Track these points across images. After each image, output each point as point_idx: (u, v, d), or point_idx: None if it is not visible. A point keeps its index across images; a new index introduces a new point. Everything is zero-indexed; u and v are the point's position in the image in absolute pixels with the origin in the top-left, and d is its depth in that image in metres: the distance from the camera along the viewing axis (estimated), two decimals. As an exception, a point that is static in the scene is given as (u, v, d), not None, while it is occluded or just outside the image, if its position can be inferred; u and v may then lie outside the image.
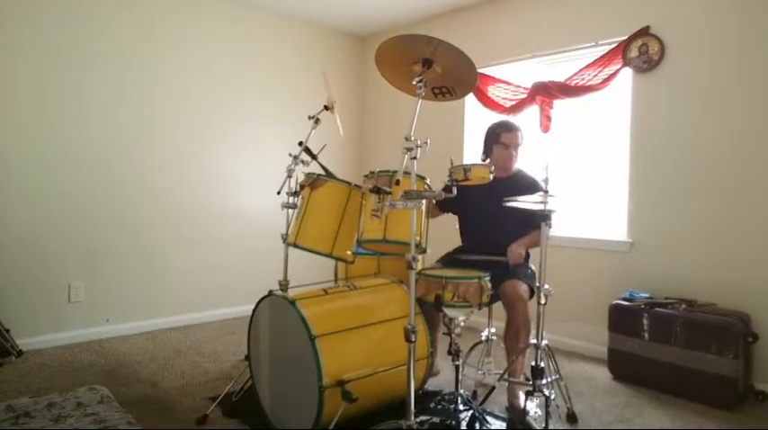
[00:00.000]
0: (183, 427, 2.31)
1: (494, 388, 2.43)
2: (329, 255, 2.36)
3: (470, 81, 2.13)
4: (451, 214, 2.92)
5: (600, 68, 3.36)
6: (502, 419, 2.41)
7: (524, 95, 3.74)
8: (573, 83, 3.48)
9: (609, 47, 3.35)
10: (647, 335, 2.88)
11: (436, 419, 2.21)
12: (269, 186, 3.02)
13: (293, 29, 4.60)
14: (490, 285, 2.23)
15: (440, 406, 2.31)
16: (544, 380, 2.27)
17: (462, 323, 2.22)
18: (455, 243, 2.91)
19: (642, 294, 3.07)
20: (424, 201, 1.93)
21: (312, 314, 2.13)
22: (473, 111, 4.21)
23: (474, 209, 2.76)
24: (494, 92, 3.94)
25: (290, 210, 2.54)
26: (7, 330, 3.15)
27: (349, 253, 2.40)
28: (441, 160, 2.37)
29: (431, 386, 2.65)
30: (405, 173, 1.87)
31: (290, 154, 2.61)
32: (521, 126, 2.82)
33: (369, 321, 2.29)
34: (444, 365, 2.84)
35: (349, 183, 2.41)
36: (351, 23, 4.75)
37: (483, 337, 2.85)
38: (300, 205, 2.43)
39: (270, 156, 4.33)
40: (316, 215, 2.37)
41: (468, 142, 4.20)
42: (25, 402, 1.72)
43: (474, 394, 2.68)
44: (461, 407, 2.23)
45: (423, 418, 2.17)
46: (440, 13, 4.34)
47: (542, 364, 2.27)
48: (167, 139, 3.90)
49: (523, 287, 2.52)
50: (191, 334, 3.78)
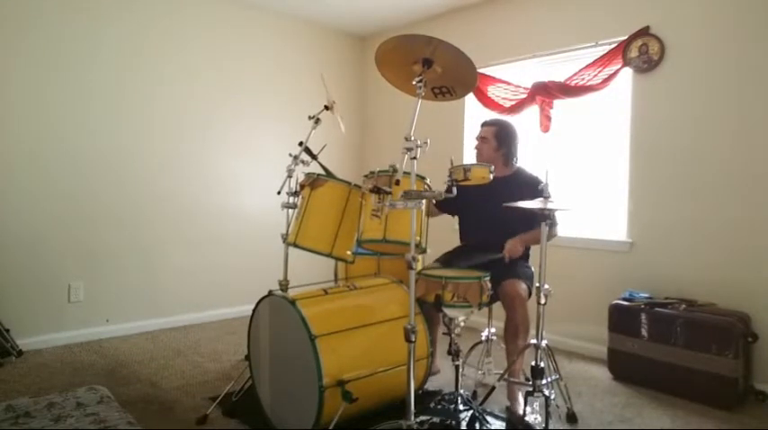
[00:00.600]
0: (183, 427, 2.31)
1: (494, 388, 2.43)
2: (329, 255, 2.36)
3: (470, 81, 2.13)
4: (451, 213, 2.93)
5: (600, 68, 3.36)
6: (502, 419, 2.41)
7: (524, 95, 3.74)
8: (573, 83, 3.48)
9: (609, 47, 3.35)
10: (646, 336, 2.88)
11: (436, 419, 2.21)
12: (269, 186, 3.02)
13: (293, 29, 4.60)
14: (490, 285, 2.23)
15: (440, 406, 2.31)
16: (544, 380, 2.27)
17: (462, 323, 2.22)
18: (455, 243, 2.91)
19: (642, 294, 3.07)
20: (423, 201, 1.93)
21: (312, 314, 2.13)
22: (473, 112, 4.21)
23: (473, 208, 2.76)
24: (494, 92, 3.94)
25: (290, 210, 2.54)
26: (7, 330, 3.15)
27: (349, 253, 2.40)
28: (441, 160, 2.37)
29: (431, 386, 2.64)
30: (404, 173, 1.87)
31: (290, 154, 2.60)
32: (510, 124, 2.84)
33: (369, 321, 2.29)
34: (444, 365, 2.84)
35: (349, 182, 2.41)
36: (351, 23, 4.75)
37: (483, 337, 2.85)
38: (300, 205, 2.43)
39: (270, 156, 4.33)
40: (316, 215, 2.37)
41: (468, 142, 4.20)
42: (25, 402, 1.72)
43: (474, 394, 2.68)
44: (461, 407, 2.23)
45: (423, 418, 2.17)
46: (440, 13, 4.34)
47: (542, 364, 2.27)
48: (167, 139, 3.90)
49: (522, 286, 2.52)
50: (191, 334, 3.78)
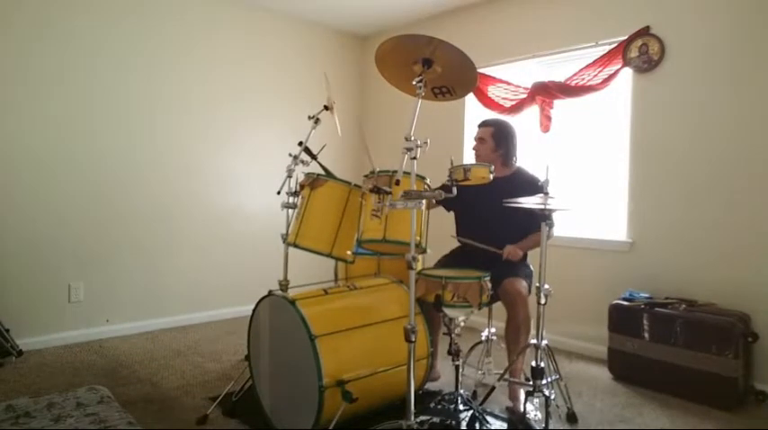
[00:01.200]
0: (183, 427, 2.31)
1: (494, 388, 2.43)
2: (329, 255, 2.36)
3: (470, 81, 2.13)
4: (452, 213, 2.92)
5: (600, 68, 3.36)
6: (502, 419, 2.41)
7: (524, 95, 3.74)
8: (573, 83, 3.48)
9: (609, 47, 3.35)
10: (647, 335, 2.88)
11: (436, 419, 2.21)
12: (269, 186, 3.02)
13: (293, 29, 4.60)
14: (490, 285, 2.23)
15: (440, 406, 2.31)
16: (544, 381, 2.27)
17: (462, 323, 2.22)
18: (455, 243, 2.90)
19: (642, 294, 3.07)
20: (424, 201, 1.93)
21: (312, 314, 2.13)
22: (473, 111, 4.21)
23: (472, 208, 2.76)
24: (494, 92, 3.94)
25: (290, 210, 2.54)
26: (7, 330, 3.15)
27: (349, 253, 2.40)
28: (441, 160, 2.37)
29: (431, 386, 2.65)
30: (405, 173, 1.87)
31: (290, 154, 2.60)
32: (508, 123, 2.85)
33: (369, 321, 2.29)
34: (444, 365, 2.84)
35: (349, 182, 2.41)
36: (351, 23, 4.75)
37: (483, 337, 2.85)
38: (300, 205, 2.43)
39: (270, 156, 4.33)
40: (316, 215, 2.37)
41: (468, 142, 4.20)
42: (25, 402, 1.72)
43: (474, 394, 2.67)
44: (461, 407, 2.23)
45: (423, 418, 2.17)
46: (440, 13, 4.34)
47: (542, 364, 2.27)
48: (167, 139, 3.90)
49: (523, 284, 2.53)
50: (191, 334, 3.78)
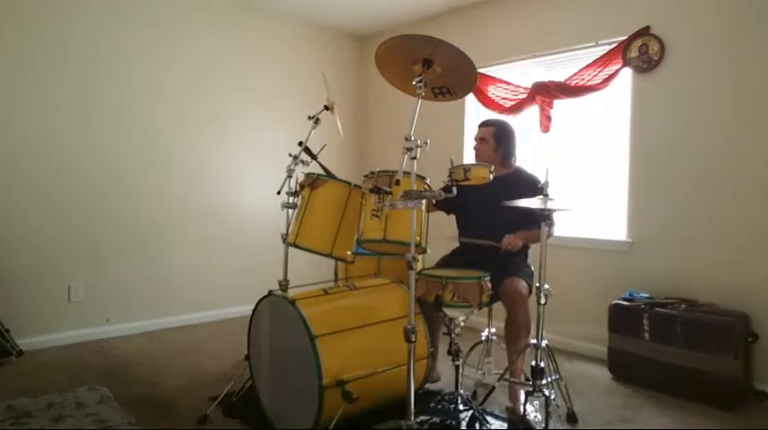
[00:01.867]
0: (182, 427, 2.31)
1: (494, 388, 2.43)
2: (329, 255, 2.36)
3: (470, 81, 2.13)
4: (446, 211, 2.92)
5: (600, 68, 3.36)
6: (502, 419, 2.41)
7: (524, 95, 3.74)
8: (573, 83, 3.48)
9: (609, 47, 3.35)
10: (647, 336, 2.88)
11: (436, 419, 2.21)
12: (269, 186, 3.02)
13: (293, 29, 4.60)
14: (490, 285, 2.23)
15: (440, 406, 2.31)
16: (544, 381, 2.27)
17: (462, 323, 2.22)
18: (455, 242, 2.90)
19: (642, 294, 3.07)
20: (424, 201, 1.93)
21: (312, 314, 2.13)
22: (473, 111, 4.21)
23: (471, 208, 2.76)
24: (494, 92, 3.94)
25: (290, 210, 2.54)
26: (7, 330, 3.15)
27: (349, 253, 2.40)
28: (441, 160, 2.37)
29: (431, 386, 2.65)
30: (405, 173, 1.87)
31: (290, 154, 2.60)
32: (508, 123, 2.85)
33: (369, 321, 2.29)
34: (444, 365, 2.84)
35: (349, 182, 2.41)
36: (351, 23, 4.75)
37: (483, 337, 2.85)
38: (300, 205, 2.43)
39: (270, 157, 4.33)
40: (316, 215, 2.37)
41: (469, 142, 4.20)
42: (25, 402, 1.71)
43: (474, 394, 2.68)
44: (461, 407, 2.23)
45: (423, 418, 2.17)
46: (440, 13, 4.34)
47: (542, 364, 2.27)
48: (167, 140, 3.90)
49: (523, 284, 2.52)
50: (191, 334, 3.78)
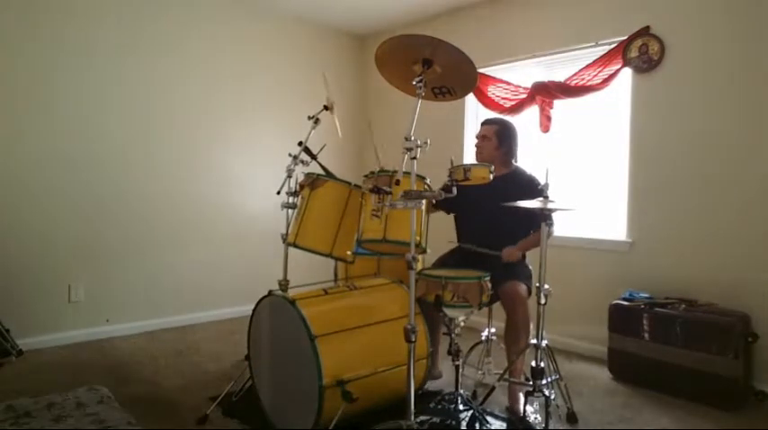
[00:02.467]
0: (183, 427, 2.31)
1: (494, 388, 2.43)
2: (329, 255, 2.36)
3: (470, 81, 2.13)
4: (446, 211, 2.92)
5: (600, 68, 3.36)
6: (502, 419, 2.41)
7: (524, 95, 3.74)
8: (573, 83, 3.48)
9: (609, 47, 3.35)
10: (647, 336, 2.88)
11: (436, 419, 2.21)
12: (269, 186, 3.02)
13: (293, 29, 4.60)
14: (490, 285, 2.23)
15: (440, 406, 2.31)
16: (544, 381, 2.27)
17: (462, 323, 2.22)
18: (455, 243, 2.90)
19: (642, 294, 3.07)
20: (424, 201, 1.93)
21: (312, 314, 2.13)
22: (473, 111, 4.22)
23: (471, 208, 2.76)
24: (494, 92, 3.94)
25: (290, 210, 2.54)
26: (7, 330, 3.14)
27: (349, 253, 2.40)
28: (441, 160, 2.37)
29: (431, 386, 2.65)
30: (405, 173, 1.87)
31: (290, 154, 2.60)
32: (510, 123, 2.85)
33: (369, 321, 2.29)
34: (444, 365, 2.84)
35: (349, 183, 2.41)
36: (350, 23, 4.75)
37: (483, 337, 2.85)
38: (300, 205, 2.43)
39: (270, 156, 4.33)
40: (315, 215, 2.37)
41: (469, 142, 4.20)
42: (25, 402, 1.71)
43: (474, 394, 2.68)
44: (461, 407, 2.23)
45: (423, 418, 2.17)
46: (440, 13, 4.34)
47: (542, 364, 2.27)
48: (167, 139, 3.90)
49: (522, 287, 2.52)
50: (191, 334, 3.78)
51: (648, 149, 3.23)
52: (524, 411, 2.32)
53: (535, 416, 2.37)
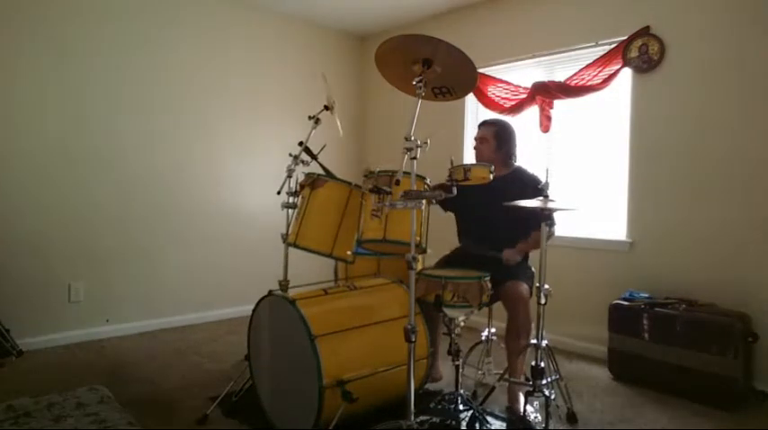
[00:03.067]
0: (183, 427, 2.31)
1: (494, 388, 2.43)
2: (329, 255, 2.36)
3: (470, 81, 2.13)
4: (451, 213, 2.92)
5: (600, 68, 3.36)
6: (502, 419, 2.41)
7: (524, 95, 3.74)
8: (573, 83, 3.48)
9: (609, 47, 3.35)
10: (647, 336, 2.88)
11: (436, 419, 2.21)
12: (269, 186, 3.02)
13: (293, 29, 4.60)
14: (490, 285, 2.23)
15: (440, 406, 2.31)
16: (544, 381, 2.27)
17: (462, 323, 2.22)
18: (455, 243, 2.90)
19: (642, 294, 3.07)
20: (424, 201, 1.93)
21: (312, 314, 2.13)
22: (473, 111, 4.22)
23: (472, 208, 2.76)
24: (494, 92, 3.94)
25: (291, 210, 2.54)
26: (7, 330, 3.14)
27: (349, 253, 2.40)
28: (441, 160, 2.37)
29: (431, 386, 2.65)
30: (405, 173, 1.87)
31: (290, 154, 2.60)
32: (509, 123, 2.85)
33: (369, 321, 2.29)
34: (444, 365, 2.84)
35: (349, 183, 2.41)
36: (351, 23, 4.75)
37: (483, 337, 2.85)
38: (300, 205, 2.43)
39: (270, 157, 4.33)
40: (316, 215, 2.37)
41: (469, 142, 4.20)
42: (25, 402, 1.72)
43: (474, 394, 2.68)
44: (461, 407, 2.23)
45: (423, 418, 2.16)
46: (440, 13, 4.34)
47: (542, 364, 2.27)
48: (167, 140, 3.90)
49: (524, 287, 2.52)
50: (191, 334, 3.78)
51: (648, 149, 3.23)
52: (524, 411, 2.32)
53: (535, 416, 2.37)
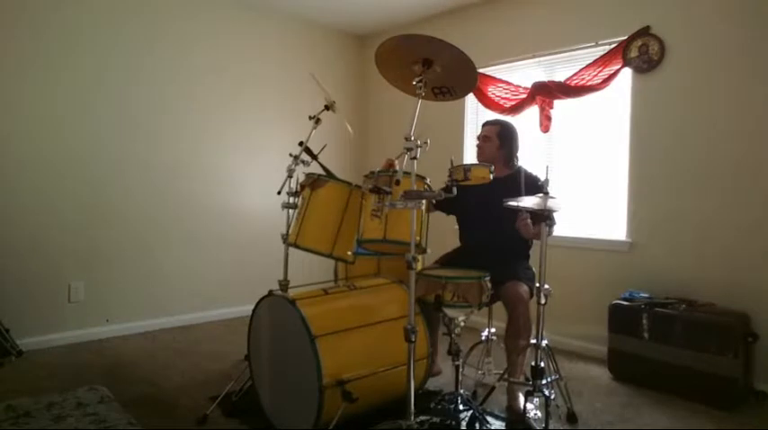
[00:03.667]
0: (183, 427, 2.31)
1: (494, 388, 2.43)
2: (329, 255, 2.36)
3: (470, 81, 2.13)
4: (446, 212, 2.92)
5: (600, 68, 3.36)
6: (502, 419, 2.41)
7: (524, 95, 3.74)
8: (573, 83, 3.48)
9: (609, 47, 3.35)
10: (647, 336, 2.88)
11: (436, 419, 2.21)
12: (269, 186, 3.02)
13: (293, 29, 4.60)
14: (490, 285, 2.23)
15: (440, 406, 2.31)
16: (544, 381, 2.27)
17: (462, 323, 2.22)
18: (455, 243, 2.90)
19: (642, 294, 3.07)
20: (424, 202, 1.93)
21: (312, 314, 2.13)
22: (473, 111, 4.22)
23: (473, 208, 2.76)
24: (494, 92, 3.94)
25: (291, 211, 2.54)
26: (7, 330, 3.14)
27: (349, 253, 2.40)
28: (441, 160, 2.37)
29: (431, 386, 2.65)
30: (405, 173, 1.87)
31: (291, 154, 2.60)
32: (510, 123, 2.85)
33: (369, 321, 2.29)
34: (444, 365, 2.84)
35: (349, 183, 2.41)
36: (350, 23, 4.75)
37: (483, 337, 2.85)
38: (301, 205, 2.43)
39: (270, 157, 4.33)
40: (316, 215, 2.37)
41: (468, 142, 4.20)
42: (25, 402, 1.72)
43: (474, 394, 2.68)
44: (461, 407, 2.23)
45: (423, 418, 2.16)
46: (440, 13, 4.34)
47: (542, 364, 2.27)
48: (167, 139, 3.90)
49: (524, 288, 2.52)
50: (191, 334, 3.78)
51: (648, 149, 3.24)
52: (524, 411, 2.32)
53: (535, 416, 2.37)
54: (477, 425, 2.21)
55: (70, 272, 3.49)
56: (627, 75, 3.32)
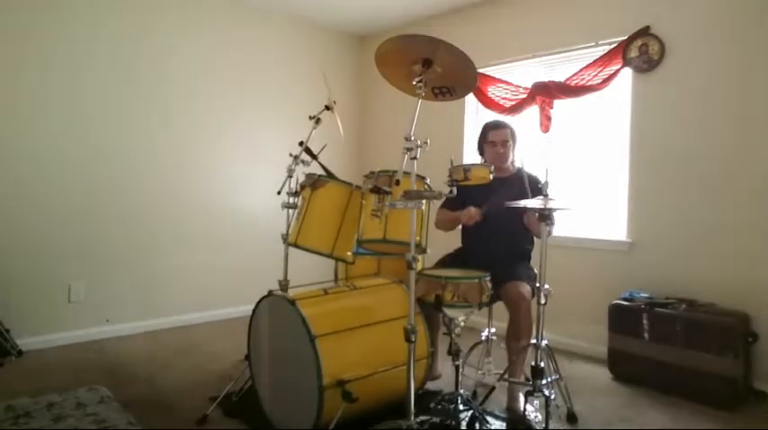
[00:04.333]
0: (183, 427, 2.31)
1: (494, 388, 2.43)
2: (330, 255, 2.36)
3: (470, 81, 2.13)
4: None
5: (600, 68, 3.36)
6: (502, 419, 2.41)
7: (524, 95, 3.74)
8: (573, 83, 3.48)
9: (609, 47, 3.35)
10: (647, 335, 2.88)
11: (436, 419, 2.21)
12: (269, 186, 3.02)
13: (293, 29, 4.60)
14: (490, 285, 2.23)
15: (440, 406, 2.31)
16: (544, 381, 2.27)
17: (462, 323, 2.22)
18: (455, 243, 2.90)
19: (642, 294, 3.07)
20: (424, 202, 1.93)
21: (312, 314, 2.13)
22: (473, 111, 4.21)
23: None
24: (494, 92, 3.94)
25: (291, 211, 2.54)
26: (7, 330, 3.15)
27: (349, 253, 2.40)
28: (441, 160, 2.37)
29: (431, 386, 2.65)
30: (405, 173, 1.87)
31: (291, 154, 2.61)
32: (512, 124, 2.85)
33: (369, 321, 2.29)
34: (444, 365, 2.84)
35: (350, 184, 2.41)
36: (350, 23, 4.75)
37: (483, 337, 2.85)
38: (301, 205, 2.43)
39: (270, 157, 4.33)
40: (316, 215, 2.37)
41: (469, 142, 4.20)
42: (25, 402, 1.72)
43: (474, 394, 2.67)
44: (461, 407, 2.23)
45: (423, 418, 2.16)
46: (440, 13, 4.34)
47: (542, 364, 2.27)
48: (168, 140, 3.90)
49: (526, 288, 2.52)
50: (191, 334, 3.78)
51: (648, 149, 3.23)
52: (524, 411, 2.32)
53: (535, 416, 2.37)
54: (477, 426, 2.21)
55: (70, 272, 3.49)
56: (627, 75, 3.32)
